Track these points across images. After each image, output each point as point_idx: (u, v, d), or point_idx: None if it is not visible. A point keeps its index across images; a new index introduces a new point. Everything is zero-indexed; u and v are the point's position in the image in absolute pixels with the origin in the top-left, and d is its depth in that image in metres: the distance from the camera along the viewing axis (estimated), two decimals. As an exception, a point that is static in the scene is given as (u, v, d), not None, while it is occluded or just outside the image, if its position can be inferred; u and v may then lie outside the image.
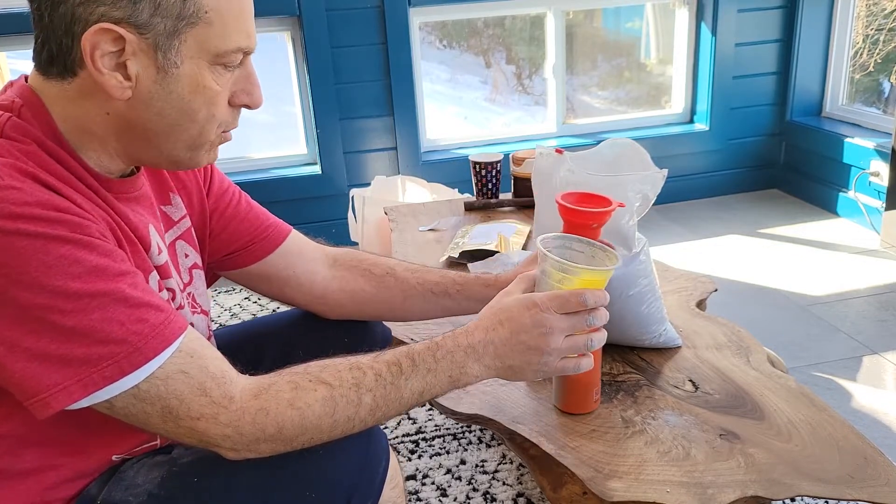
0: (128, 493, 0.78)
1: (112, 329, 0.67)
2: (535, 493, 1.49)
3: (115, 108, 0.74)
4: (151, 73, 0.72)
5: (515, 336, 0.82)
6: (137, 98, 0.73)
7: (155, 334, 0.69)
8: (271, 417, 0.73)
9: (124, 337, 0.67)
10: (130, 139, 0.76)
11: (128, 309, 0.68)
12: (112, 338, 0.67)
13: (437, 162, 2.94)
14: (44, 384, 0.66)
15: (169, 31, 0.70)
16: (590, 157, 1.18)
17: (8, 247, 0.63)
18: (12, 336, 0.65)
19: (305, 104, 2.84)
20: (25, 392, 0.66)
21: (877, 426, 1.66)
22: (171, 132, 0.76)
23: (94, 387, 0.67)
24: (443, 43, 3.13)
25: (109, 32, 0.69)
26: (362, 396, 0.77)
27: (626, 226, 1.11)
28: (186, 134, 0.77)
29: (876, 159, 2.69)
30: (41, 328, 0.65)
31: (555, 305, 0.82)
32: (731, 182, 3.23)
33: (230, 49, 0.74)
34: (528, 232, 1.69)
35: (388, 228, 1.90)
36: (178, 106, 0.74)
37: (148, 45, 0.70)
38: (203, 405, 0.71)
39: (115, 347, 0.67)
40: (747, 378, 1.09)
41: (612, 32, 3.28)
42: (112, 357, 0.67)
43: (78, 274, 0.66)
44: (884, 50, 2.95)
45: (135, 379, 0.68)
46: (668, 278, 1.44)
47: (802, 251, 2.64)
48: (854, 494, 0.85)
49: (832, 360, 1.94)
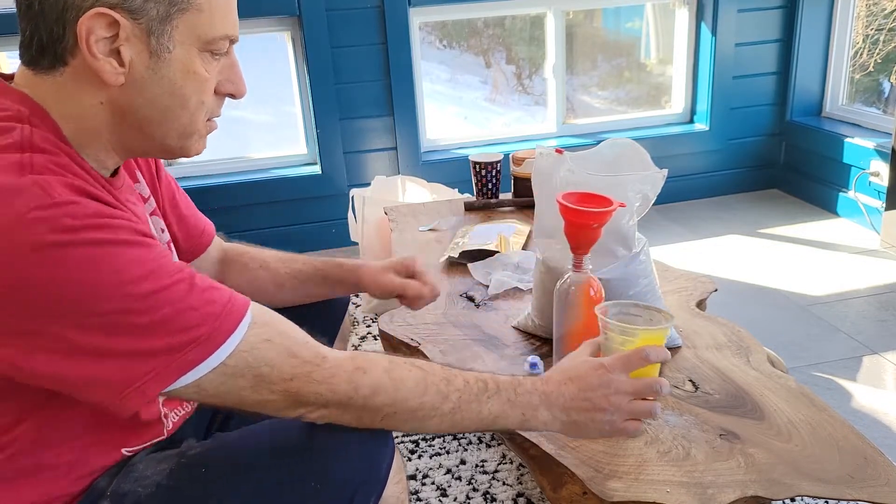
0: (136, 485, 0.79)
1: (187, 317, 0.70)
2: (535, 493, 1.49)
3: (108, 97, 0.74)
4: (144, 59, 0.73)
5: (583, 393, 0.86)
6: (131, 84, 0.74)
7: (226, 312, 0.72)
8: (368, 378, 0.78)
9: (200, 321, 0.70)
10: (124, 129, 0.77)
11: (195, 295, 0.71)
12: (189, 324, 0.70)
13: (437, 162, 2.94)
14: (133, 376, 0.68)
15: (161, 16, 0.72)
16: (590, 157, 1.18)
17: (80, 259, 0.65)
18: (95, 342, 0.67)
19: (305, 104, 2.84)
20: (114, 389, 0.68)
21: (877, 426, 1.66)
22: (164, 119, 0.77)
23: (182, 371, 0.69)
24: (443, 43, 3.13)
25: (105, 17, 0.70)
26: (450, 393, 0.81)
27: (626, 226, 1.11)
28: (178, 121, 0.78)
29: (876, 159, 2.69)
30: (122, 330, 0.67)
31: (620, 366, 0.86)
32: (731, 182, 3.23)
33: (218, 36, 0.77)
34: (528, 232, 1.69)
35: (388, 228, 1.90)
36: (170, 91, 0.76)
37: (141, 31, 0.72)
38: (295, 366, 0.75)
39: (194, 332, 0.70)
40: (747, 378, 1.09)
41: (612, 32, 3.28)
42: (194, 341, 0.70)
43: (145, 274, 0.68)
44: (884, 50, 2.95)
45: (219, 357, 0.71)
46: (668, 278, 1.44)
47: (802, 251, 2.64)
48: (854, 494, 0.85)
49: (832, 360, 1.94)
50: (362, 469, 0.80)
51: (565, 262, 1.00)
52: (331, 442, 0.80)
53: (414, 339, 1.25)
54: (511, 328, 1.29)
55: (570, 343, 1.00)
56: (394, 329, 1.28)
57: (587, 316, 0.98)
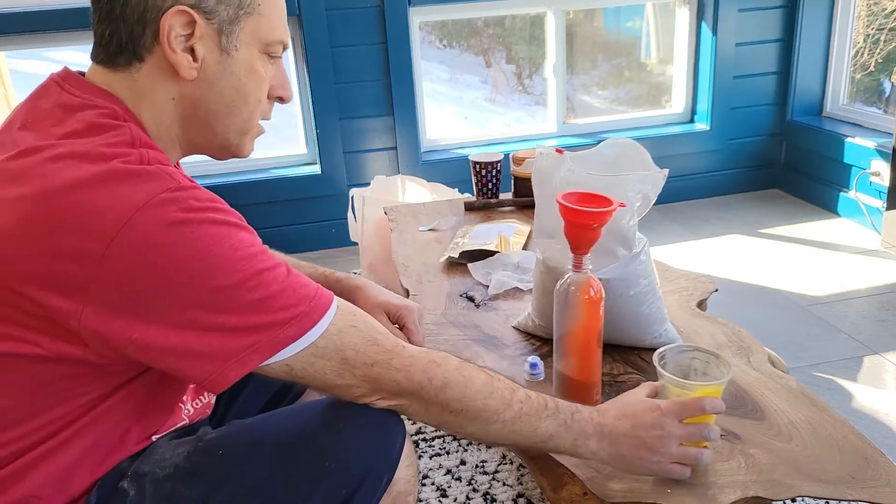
0: (155, 466, 0.83)
1: (288, 296, 0.75)
2: (536, 494, 1.49)
3: (180, 91, 0.81)
4: (215, 55, 0.81)
5: (635, 430, 0.87)
6: (202, 78, 0.81)
7: (318, 296, 0.78)
8: (441, 371, 0.82)
9: (298, 301, 0.76)
10: (191, 123, 0.84)
11: (293, 278, 0.77)
12: (289, 303, 0.75)
13: (437, 162, 2.94)
14: (237, 349, 0.73)
15: (231, 17, 0.80)
16: (590, 157, 1.18)
17: (204, 236, 0.71)
18: (209, 316, 0.71)
19: (305, 104, 2.84)
20: (218, 361, 0.73)
21: (877, 426, 1.66)
22: (229, 113, 0.85)
23: (278, 347, 0.74)
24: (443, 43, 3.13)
25: (184, 15, 0.77)
26: (513, 402, 0.85)
27: (627, 226, 1.11)
28: (240, 117, 0.86)
29: (877, 159, 2.69)
30: (234, 305, 0.72)
31: (676, 411, 0.88)
32: (731, 182, 3.23)
33: (276, 40, 0.85)
34: (528, 232, 1.69)
35: (388, 228, 1.90)
36: (236, 87, 0.83)
37: (213, 30, 0.80)
38: (377, 352, 0.80)
39: (293, 310, 0.75)
40: (748, 378, 1.09)
41: (613, 32, 3.28)
42: (293, 319, 0.75)
43: (255, 253, 0.74)
44: (884, 50, 2.95)
45: (311, 337, 0.76)
46: (669, 278, 1.44)
47: (803, 251, 2.63)
48: (854, 495, 0.85)
49: (832, 360, 1.94)
50: (375, 450, 0.84)
51: (565, 262, 1.00)
52: (344, 425, 0.84)
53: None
54: (511, 328, 1.29)
55: (571, 343, 1.00)
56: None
57: (587, 316, 0.98)
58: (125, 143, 0.74)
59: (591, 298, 0.97)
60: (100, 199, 0.69)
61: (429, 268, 1.56)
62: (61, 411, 0.77)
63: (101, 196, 0.69)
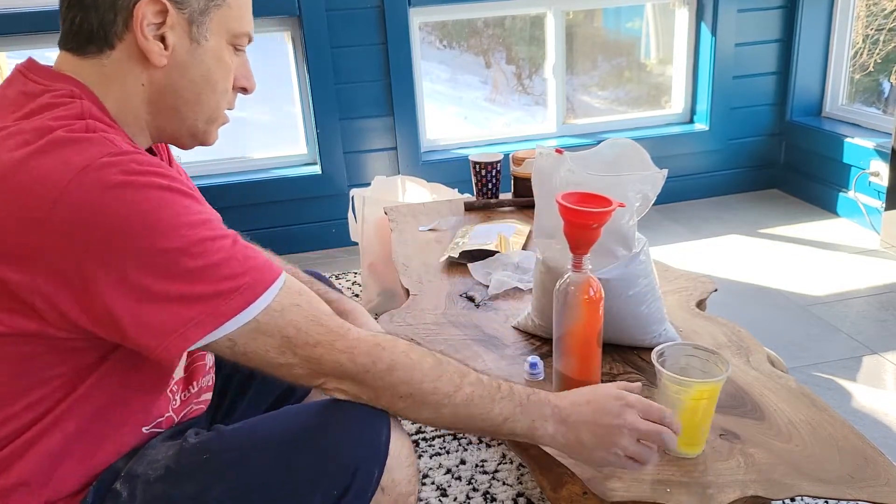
0: (148, 468, 0.83)
1: (232, 266, 0.75)
2: (535, 493, 1.49)
3: (150, 78, 0.83)
4: (185, 44, 0.83)
5: (595, 416, 0.86)
6: (172, 66, 0.83)
7: (265, 269, 0.78)
8: (386, 354, 0.82)
9: (243, 272, 0.75)
10: (161, 110, 0.86)
11: (239, 249, 0.77)
12: (234, 273, 0.75)
13: (437, 162, 2.94)
14: (179, 321, 0.73)
15: (202, 8, 0.83)
16: (590, 157, 1.18)
17: (145, 198, 0.71)
18: (150, 282, 0.71)
19: (305, 104, 2.84)
20: (159, 333, 0.73)
21: (877, 426, 1.66)
22: (197, 101, 0.87)
23: (221, 320, 0.74)
24: (443, 43, 3.13)
25: (157, 4, 0.80)
26: (464, 385, 0.85)
27: (626, 226, 1.11)
28: (208, 104, 0.88)
29: (876, 159, 2.69)
30: (175, 272, 0.72)
31: (641, 407, 0.86)
32: (731, 182, 3.23)
33: (243, 32, 0.88)
34: (528, 232, 1.69)
35: (388, 228, 1.90)
36: (205, 75, 0.86)
37: (184, 20, 0.82)
38: (321, 333, 0.80)
39: (237, 281, 0.75)
40: (747, 378, 1.09)
41: (612, 32, 3.28)
42: (236, 290, 0.75)
43: (200, 221, 0.74)
44: (884, 50, 2.95)
45: (253, 311, 0.75)
46: (668, 278, 1.44)
47: (802, 251, 2.63)
48: (854, 494, 0.85)
49: (832, 360, 1.94)
50: (363, 443, 0.83)
51: (565, 262, 1.00)
52: (331, 420, 0.84)
53: (414, 339, 1.24)
54: (511, 328, 1.29)
55: (570, 343, 1.00)
56: (394, 329, 1.28)
57: (587, 316, 0.98)
58: (73, 116, 0.75)
59: (591, 298, 0.97)
60: (41, 166, 0.70)
61: (429, 268, 1.57)
62: (39, 394, 0.77)
63: (43, 163, 0.70)
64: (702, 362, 0.95)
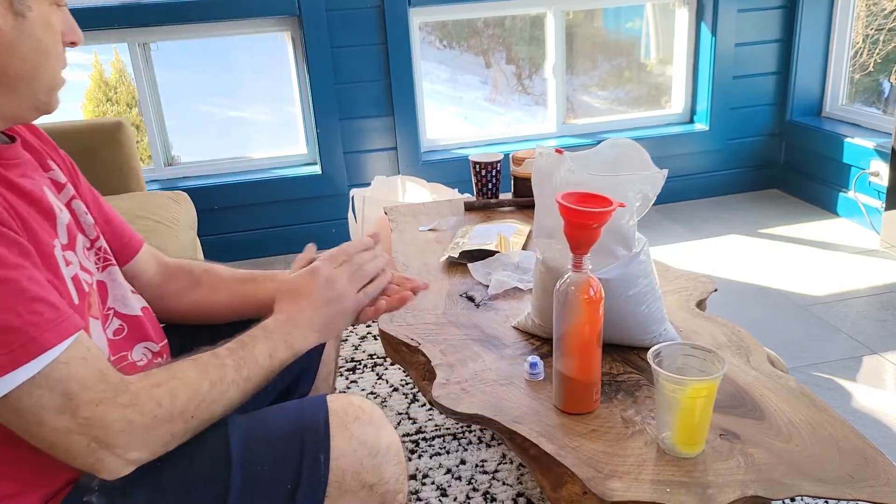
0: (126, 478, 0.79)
1: (8, 318, 0.67)
2: (535, 493, 1.49)
3: None
4: (10, 21, 0.77)
5: (312, 300, 0.94)
6: (1, 47, 0.77)
7: (51, 327, 0.70)
8: (163, 388, 0.77)
9: (20, 326, 0.68)
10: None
11: (25, 301, 0.69)
12: (8, 327, 0.67)
13: (437, 162, 2.94)
14: None
15: None
16: (590, 157, 1.18)
17: None
18: None
19: (305, 104, 2.84)
20: None
21: (877, 426, 1.67)
22: (34, 75, 0.81)
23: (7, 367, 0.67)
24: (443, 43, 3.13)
25: None
26: (225, 362, 0.84)
27: (626, 226, 1.11)
28: (46, 76, 0.82)
29: (876, 159, 2.69)
30: None
31: (327, 263, 0.97)
32: (731, 182, 3.23)
33: None
34: (528, 232, 1.69)
35: (388, 228, 1.90)
36: (37, 47, 0.80)
37: None
38: (104, 390, 0.73)
39: (9, 336, 0.67)
40: (747, 378, 1.09)
41: (612, 32, 3.28)
42: (7, 346, 0.67)
43: None
44: (884, 50, 2.95)
45: (30, 370, 0.68)
46: (668, 278, 1.44)
47: (802, 251, 2.64)
48: (854, 494, 0.85)
49: (832, 360, 1.94)
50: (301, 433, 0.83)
51: (565, 262, 1.00)
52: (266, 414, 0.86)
53: (414, 339, 1.25)
54: (511, 328, 1.29)
55: (570, 343, 1.00)
56: (394, 329, 1.28)
57: (587, 316, 0.98)
58: None
59: (591, 298, 0.97)
60: None
61: (429, 268, 1.57)
62: None
63: None
64: (699, 361, 0.95)
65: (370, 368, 2.01)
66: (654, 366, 0.92)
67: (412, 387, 1.91)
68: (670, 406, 0.91)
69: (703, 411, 0.92)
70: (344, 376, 1.98)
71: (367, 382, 1.95)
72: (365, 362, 2.05)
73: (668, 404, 0.92)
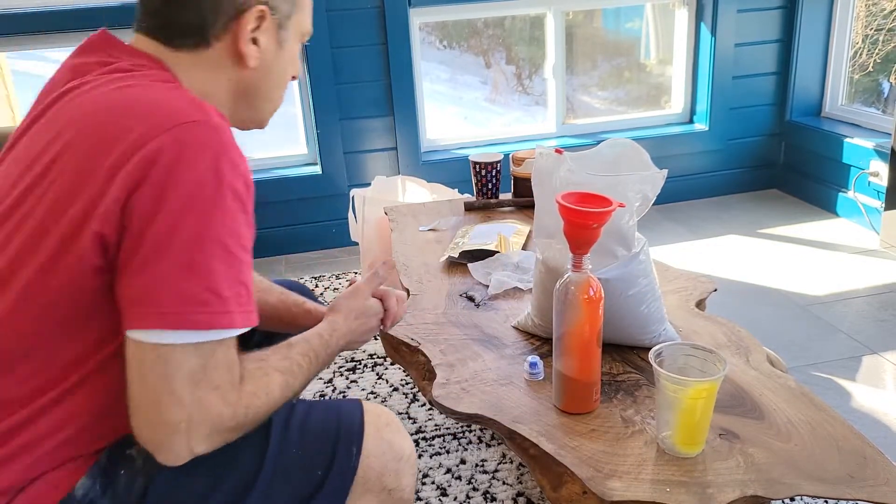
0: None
1: (224, 287, 0.74)
2: (535, 493, 1.49)
3: (238, 76, 0.89)
4: (273, 47, 0.90)
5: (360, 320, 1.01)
6: (261, 66, 0.89)
7: (242, 311, 0.76)
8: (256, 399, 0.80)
9: (228, 298, 0.74)
10: (240, 103, 0.92)
11: (241, 280, 0.76)
12: (221, 294, 0.74)
13: (437, 162, 2.94)
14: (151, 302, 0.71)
15: (287, 13, 0.90)
16: (590, 157, 1.18)
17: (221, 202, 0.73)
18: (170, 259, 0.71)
19: (305, 104, 2.84)
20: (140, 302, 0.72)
21: (877, 426, 1.67)
22: (271, 97, 0.95)
23: (181, 325, 0.72)
24: (443, 43, 3.13)
25: (259, 10, 0.86)
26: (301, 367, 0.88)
27: (626, 226, 1.11)
28: (278, 99, 0.96)
29: (875, 159, 2.70)
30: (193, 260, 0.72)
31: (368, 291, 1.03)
32: (730, 182, 3.24)
33: (308, 30, 0.96)
34: (528, 232, 1.69)
35: (388, 228, 1.90)
36: (281, 75, 0.94)
37: (275, 24, 0.89)
38: (228, 380, 0.77)
39: (217, 302, 0.73)
40: (747, 378, 1.09)
41: (612, 32, 3.28)
42: (211, 308, 0.73)
43: (237, 234, 0.75)
44: (883, 50, 2.95)
45: (208, 336, 0.74)
46: (668, 278, 1.44)
47: (802, 251, 2.64)
48: (854, 494, 0.85)
49: (832, 360, 1.94)
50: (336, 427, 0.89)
51: (565, 262, 1.00)
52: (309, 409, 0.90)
53: (414, 339, 1.25)
54: (511, 328, 1.29)
55: (570, 343, 1.00)
56: (394, 329, 1.28)
57: (587, 316, 0.98)
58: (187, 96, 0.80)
59: (591, 298, 0.98)
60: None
61: (429, 268, 1.57)
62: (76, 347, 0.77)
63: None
64: (700, 362, 0.95)
65: (370, 368, 2.02)
66: (655, 366, 0.92)
67: (412, 387, 1.91)
68: (671, 406, 0.92)
69: (703, 411, 0.92)
70: (344, 376, 1.98)
71: (367, 382, 1.95)
72: (365, 362, 2.05)
73: (668, 404, 0.92)
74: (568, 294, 0.98)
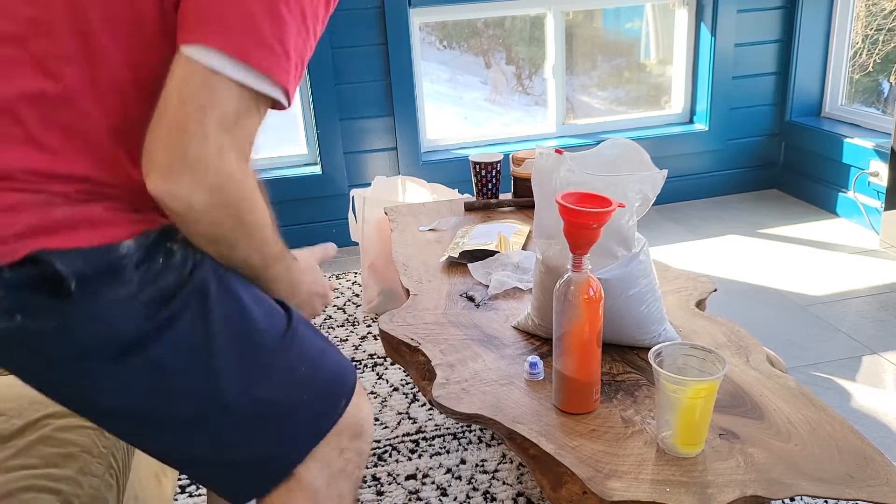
0: None
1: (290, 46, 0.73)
2: (535, 493, 1.49)
3: None
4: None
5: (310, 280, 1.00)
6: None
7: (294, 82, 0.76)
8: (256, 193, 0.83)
9: (291, 59, 0.74)
10: None
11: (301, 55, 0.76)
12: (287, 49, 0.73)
13: (437, 162, 2.94)
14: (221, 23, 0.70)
15: None
16: (590, 157, 1.18)
17: None
18: None
19: (305, 104, 2.84)
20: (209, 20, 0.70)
21: (876, 426, 1.67)
22: None
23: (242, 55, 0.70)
24: (443, 43, 3.13)
25: None
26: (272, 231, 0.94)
27: (626, 226, 1.11)
28: None
29: (875, 159, 2.70)
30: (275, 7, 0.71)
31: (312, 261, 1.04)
32: (730, 182, 3.24)
33: None
34: (527, 232, 1.70)
35: (388, 228, 1.90)
36: None
37: None
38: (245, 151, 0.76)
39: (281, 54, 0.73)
40: (747, 378, 1.09)
41: (612, 32, 3.28)
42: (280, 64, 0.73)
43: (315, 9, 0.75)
44: (883, 50, 2.95)
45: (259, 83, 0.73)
46: (668, 278, 1.44)
47: (802, 251, 2.64)
48: (853, 494, 0.86)
49: (832, 360, 1.94)
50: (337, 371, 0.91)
51: (565, 262, 1.00)
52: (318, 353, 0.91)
53: (414, 339, 1.25)
54: (511, 328, 1.29)
55: (570, 343, 1.00)
56: (394, 329, 1.28)
57: (587, 316, 0.98)
58: None
59: (591, 298, 0.98)
60: None
61: (429, 268, 1.57)
62: None
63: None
64: (699, 361, 0.95)
65: (370, 368, 2.02)
66: (654, 366, 0.92)
67: (412, 387, 1.91)
68: (671, 406, 0.92)
69: (703, 411, 0.92)
70: (344, 376, 1.98)
71: (367, 382, 1.95)
72: (365, 362, 2.05)
73: (668, 404, 0.92)
74: (568, 294, 0.98)
